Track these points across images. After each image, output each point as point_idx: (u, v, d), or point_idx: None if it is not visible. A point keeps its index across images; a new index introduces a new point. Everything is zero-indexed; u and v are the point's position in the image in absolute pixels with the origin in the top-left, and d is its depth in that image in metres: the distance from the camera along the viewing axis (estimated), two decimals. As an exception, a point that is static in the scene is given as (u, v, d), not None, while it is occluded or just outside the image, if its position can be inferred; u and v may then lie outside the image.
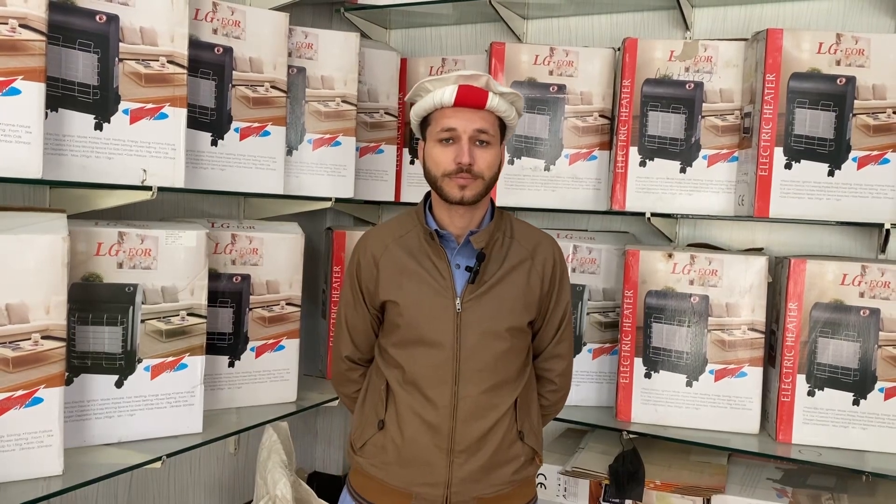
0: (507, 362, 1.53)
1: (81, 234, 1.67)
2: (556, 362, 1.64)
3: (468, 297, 1.51)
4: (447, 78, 1.50)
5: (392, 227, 1.61)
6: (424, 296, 1.51)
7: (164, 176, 1.76)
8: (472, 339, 1.50)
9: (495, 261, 1.54)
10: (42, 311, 1.49)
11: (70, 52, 1.63)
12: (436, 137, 1.51)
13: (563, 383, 1.67)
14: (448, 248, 1.54)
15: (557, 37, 2.51)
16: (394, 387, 1.53)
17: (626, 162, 2.19)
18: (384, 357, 1.58)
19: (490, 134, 1.51)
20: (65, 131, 1.64)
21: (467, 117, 1.49)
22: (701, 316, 2.08)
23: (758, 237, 2.28)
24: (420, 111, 1.54)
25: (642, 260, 2.12)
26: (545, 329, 1.62)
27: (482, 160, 1.50)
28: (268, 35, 2.04)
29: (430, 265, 1.52)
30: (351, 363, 1.65)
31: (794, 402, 2.00)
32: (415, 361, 1.51)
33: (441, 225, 1.55)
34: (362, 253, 1.59)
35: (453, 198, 1.49)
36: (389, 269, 1.55)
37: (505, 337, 1.52)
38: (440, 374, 1.49)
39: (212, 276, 1.99)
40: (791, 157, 1.98)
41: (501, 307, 1.52)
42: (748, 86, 2.08)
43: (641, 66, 2.16)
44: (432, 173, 1.52)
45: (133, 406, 1.77)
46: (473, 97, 1.49)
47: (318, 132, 2.24)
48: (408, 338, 1.53)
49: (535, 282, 1.56)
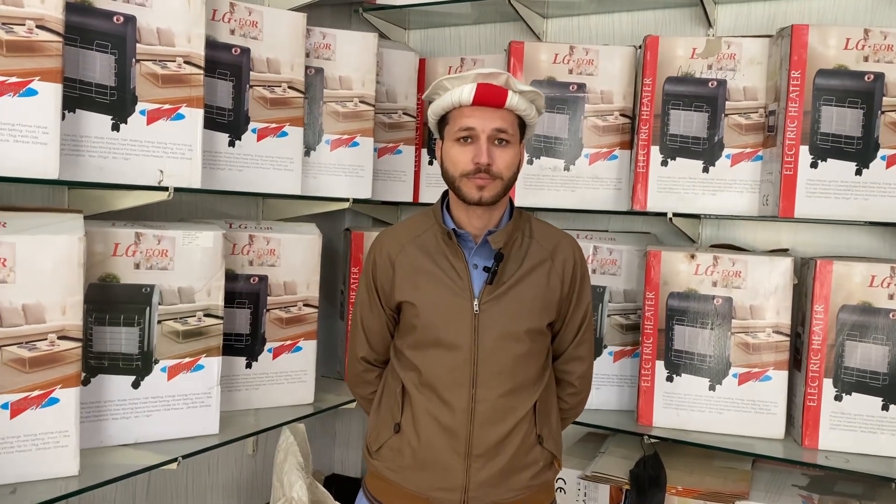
0: (526, 365, 1.50)
1: (98, 235, 1.67)
2: (576, 364, 1.61)
3: (486, 298, 1.48)
4: (466, 76, 1.47)
5: (409, 226, 1.59)
6: (441, 297, 1.49)
7: (180, 176, 1.76)
8: (490, 341, 1.47)
9: (514, 261, 1.51)
10: (58, 311, 1.50)
11: (87, 52, 1.63)
12: (454, 137, 1.48)
13: (584, 386, 1.63)
14: (466, 247, 1.51)
15: (578, 35, 2.48)
16: (410, 389, 1.51)
17: (648, 161, 2.15)
18: (400, 359, 1.56)
19: (509, 133, 1.48)
20: (82, 132, 1.64)
21: (486, 116, 1.46)
22: (724, 318, 2.04)
23: (783, 238, 2.23)
24: (438, 110, 1.51)
25: (664, 261, 2.08)
26: (565, 331, 1.59)
27: (501, 160, 1.47)
28: (285, 35, 2.04)
29: (448, 265, 1.50)
30: (367, 364, 1.63)
31: (820, 406, 1.95)
32: (431, 364, 1.49)
33: (459, 224, 1.53)
34: (378, 252, 1.58)
35: (471, 198, 1.46)
36: (406, 269, 1.53)
37: (523, 339, 1.49)
38: (457, 377, 1.47)
39: (229, 277, 1.99)
40: (817, 156, 1.93)
41: (520, 309, 1.49)
42: (773, 83, 2.04)
43: (663, 63, 2.12)
44: (450, 173, 1.49)
45: (150, 407, 1.77)
46: (492, 96, 1.46)
47: (336, 133, 2.23)
48: (424, 339, 1.50)
49: (554, 282, 1.53)
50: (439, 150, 1.54)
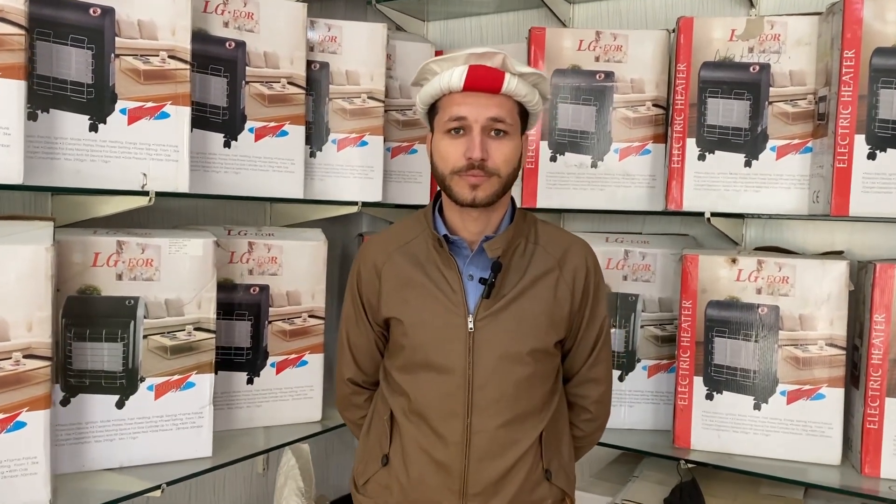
0: (530, 390, 1.31)
1: (76, 244, 1.55)
2: (590, 388, 1.41)
3: (482, 314, 1.30)
4: (456, 57, 1.28)
5: (397, 232, 1.42)
6: (432, 312, 1.31)
7: (166, 180, 1.63)
8: (488, 363, 1.29)
9: (516, 271, 1.33)
10: (23, 328, 1.38)
11: (62, 48, 1.52)
12: (444, 128, 1.30)
13: (600, 412, 1.43)
14: (459, 256, 1.33)
15: (607, 21, 2.29)
16: (399, 417, 1.34)
17: (683, 156, 1.95)
18: (389, 382, 1.39)
19: (507, 123, 1.29)
20: (57, 133, 1.52)
21: (480, 103, 1.27)
22: (770, 329, 1.82)
23: (837, 239, 2.00)
24: (426, 97, 1.34)
25: (702, 266, 1.87)
26: (577, 349, 1.39)
27: (498, 154, 1.28)
28: (284, 27, 1.90)
29: (439, 276, 1.32)
30: (355, 386, 1.47)
31: (882, 429, 1.72)
32: (421, 389, 1.31)
33: (452, 230, 1.35)
34: (363, 262, 1.41)
35: (464, 199, 1.28)
36: (393, 280, 1.35)
37: (526, 361, 1.30)
38: (450, 405, 1.29)
39: (228, 287, 1.86)
40: (875, 146, 1.71)
41: (522, 326, 1.30)
42: (823, 66, 1.82)
43: (698, 47, 1.92)
44: (440, 169, 1.31)
45: (135, 428, 1.64)
46: (486, 79, 1.27)
47: (344, 131, 2.08)
48: (413, 361, 1.33)
49: (563, 295, 1.34)
50: (429, 143, 1.37)
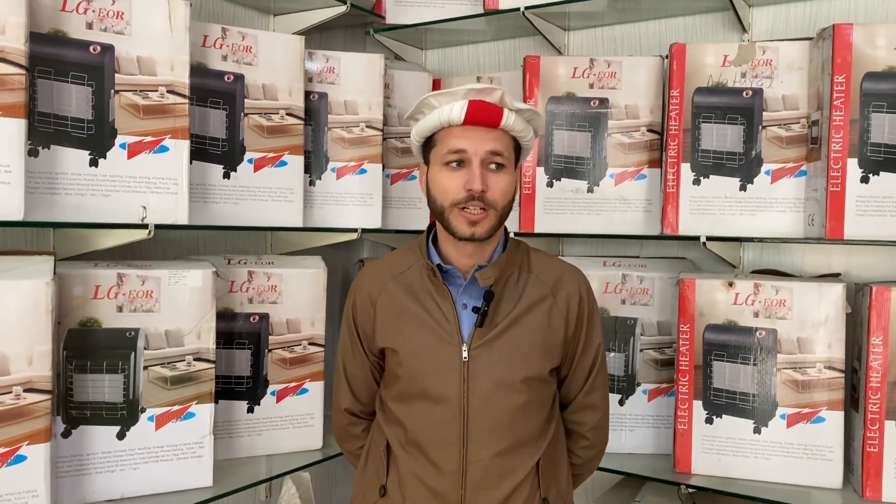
0: (526, 419, 1.32)
1: (77, 278, 1.57)
2: (587, 414, 1.42)
3: (476, 343, 1.31)
4: (455, 92, 1.32)
5: (392, 261, 1.44)
6: (426, 342, 1.33)
7: (165, 212, 1.66)
8: (482, 392, 1.30)
9: (509, 299, 1.34)
10: (24, 362, 1.39)
11: (62, 85, 1.55)
12: (442, 160, 1.33)
13: (598, 438, 1.44)
14: (453, 285, 1.35)
15: (602, 48, 2.32)
16: (395, 448, 1.35)
17: (678, 180, 1.96)
18: (385, 412, 1.40)
19: (504, 156, 1.32)
20: (58, 169, 1.55)
21: (479, 137, 1.31)
22: (769, 352, 1.82)
23: (834, 261, 2.01)
24: (423, 130, 1.37)
25: (699, 290, 1.88)
26: (573, 376, 1.40)
27: (496, 187, 1.31)
28: (282, 60, 1.93)
29: (433, 306, 1.34)
30: (352, 416, 1.48)
31: (882, 452, 1.71)
32: (417, 419, 1.33)
33: (446, 259, 1.37)
34: (358, 292, 1.43)
35: (462, 234, 1.30)
36: (387, 310, 1.37)
37: (521, 389, 1.31)
38: (445, 435, 1.30)
39: (228, 317, 1.88)
40: (868, 169, 1.72)
41: (516, 354, 1.32)
42: (815, 90, 1.83)
43: (691, 73, 1.94)
44: (438, 202, 1.34)
45: (136, 459, 1.65)
46: (486, 114, 1.30)
47: (343, 160, 2.11)
48: (409, 391, 1.34)
49: (557, 322, 1.35)
50: (423, 176, 1.40)
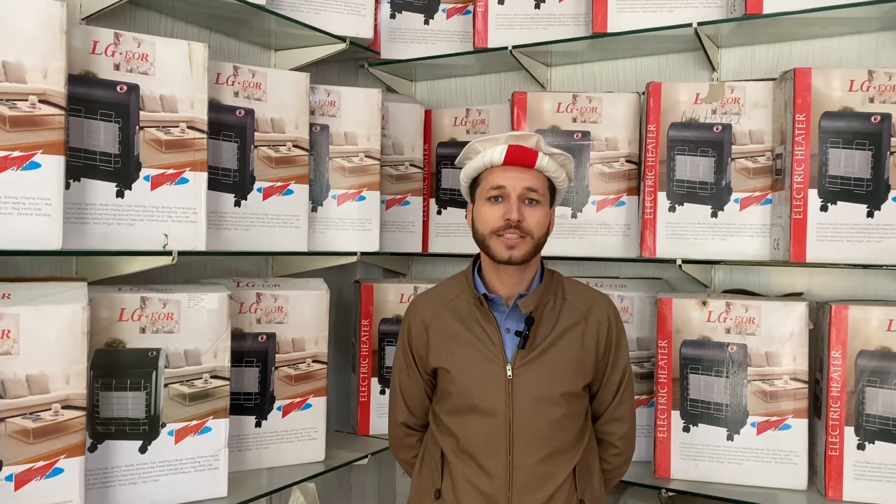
0: (563, 429, 1.50)
1: (104, 301, 1.68)
2: (616, 425, 1.60)
3: (519, 362, 1.49)
4: (497, 138, 1.52)
5: (441, 291, 1.61)
6: (475, 362, 1.50)
7: (185, 239, 1.78)
8: (525, 406, 1.47)
9: (547, 324, 1.52)
10: (62, 380, 1.50)
11: (92, 122, 1.66)
12: (485, 196, 1.52)
13: (626, 446, 1.63)
14: (497, 311, 1.53)
15: (582, 83, 2.49)
16: (448, 456, 1.52)
17: (655, 207, 2.13)
18: (438, 424, 1.57)
19: (539, 193, 1.52)
20: (87, 200, 1.66)
21: (517, 175, 1.50)
22: (740, 366, 1.99)
23: (797, 281, 2.19)
24: (470, 171, 1.55)
25: (675, 308, 2.05)
26: (603, 392, 1.59)
27: (531, 218, 1.50)
28: (289, 95, 2.07)
29: (480, 330, 1.51)
30: (407, 429, 1.64)
31: (843, 456, 1.89)
32: (468, 430, 1.50)
33: (490, 288, 1.54)
34: (413, 318, 1.60)
35: (501, 257, 1.48)
36: (440, 335, 1.54)
37: (559, 403, 1.49)
38: (494, 444, 1.47)
39: (237, 336, 1.99)
40: (826, 199, 1.90)
41: (554, 372, 1.50)
42: (778, 126, 2.02)
43: (667, 109, 2.11)
44: (480, 232, 1.52)
45: (157, 471, 1.76)
46: (523, 156, 1.50)
47: (343, 188, 2.24)
48: (460, 405, 1.51)
49: (589, 344, 1.53)
50: (470, 212, 1.58)
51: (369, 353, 2.39)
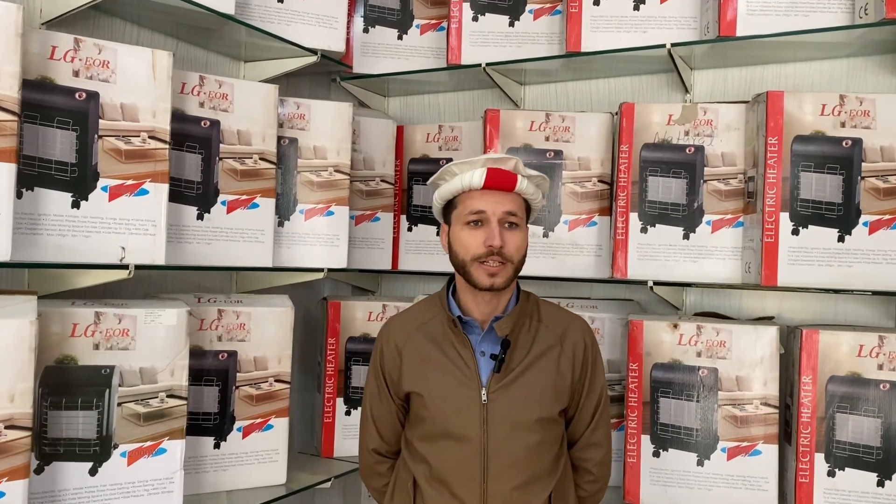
0: (539, 455, 1.46)
1: (56, 315, 1.61)
2: (592, 451, 1.57)
3: (494, 386, 1.45)
4: (475, 161, 1.49)
5: (415, 313, 1.57)
6: (449, 386, 1.46)
7: (143, 253, 1.71)
8: (501, 431, 1.43)
9: (522, 347, 1.49)
10: (6, 399, 1.43)
11: (48, 130, 1.60)
12: (464, 220, 1.49)
13: (602, 473, 1.59)
14: (472, 334, 1.49)
15: (555, 102, 2.47)
16: (421, 483, 1.47)
17: (627, 228, 2.11)
18: (410, 451, 1.52)
19: (518, 216, 1.50)
20: (41, 210, 1.60)
21: (496, 199, 1.47)
22: (710, 390, 1.97)
23: (768, 305, 2.18)
24: (446, 194, 1.52)
25: (646, 331, 2.02)
26: (579, 417, 1.55)
27: (512, 243, 1.47)
28: (257, 107, 2.02)
29: (455, 354, 1.48)
30: (378, 456, 1.59)
31: (812, 483, 1.86)
32: (441, 456, 1.45)
33: (465, 310, 1.51)
34: (385, 341, 1.55)
35: (482, 284, 1.45)
36: (413, 358, 1.50)
37: (535, 429, 1.46)
38: (467, 471, 1.43)
39: (197, 354, 1.93)
40: (798, 223, 1.89)
41: (530, 397, 1.46)
42: (751, 149, 2.01)
43: (639, 130, 2.10)
44: (460, 257, 1.49)
45: (108, 495, 1.68)
46: (503, 180, 1.47)
47: (311, 202, 2.19)
48: (433, 431, 1.47)
49: (565, 368, 1.50)
50: (445, 235, 1.54)
51: (335, 373, 2.33)
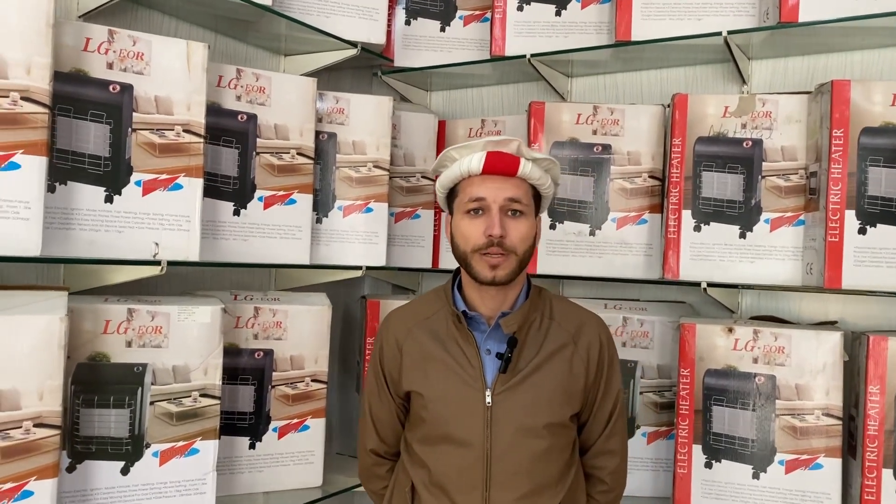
0: (547, 464, 1.35)
1: (88, 312, 1.59)
2: (606, 459, 1.45)
3: (500, 388, 1.35)
4: (474, 144, 1.38)
5: (417, 307, 1.48)
6: (451, 386, 1.36)
7: (177, 249, 1.68)
8: (505, 437, 1.33)
9: (531, 346, 1.38)
10: (35, 396, 1.40)
11: (81, 123, 1.58)
12: (463, 209, 1.39)
13: (616, 483, 1.47)
14: (478, 331, 1.39)
15: (604, 94, 2.37)
16: (419, 489, 1.37)
17: (679, 226, 2.00)
18: (410, 454, 1.42)
19: (523, 203, 1.38)
20: (73, 205, 1.57)
21: (497, 186, 1.36)
22: (767, 398, 1.85)
23: (831, 309, 2.04)
24: (446, 182, 1.42)
25: (699, 335, 1.91)
26: (593, 422, 1.44)
27: (515, 232, 1.36)
28: (294, 101, 1.97)
29: (458, 351, 1.37)
30: (377, 457, 1.51)
31: (880, 500, 1.73)
32: (441, 461, 1.35)
33: (471, 305, 1.41)
34: (385, 336, 1.47)
35: (484, 278, 1.34)
36: (413, 355, 1.41)
37: (543, 435, 1.34)
38: (469, 478, 1.33)
39: (233, 352, 1.89)
40: (865, 221, 1.76)
41: (538, 400, 1.35)
42: (813, 142, 1.89)
43: (693, 123, 1.99)
44: (461, 248, 1.39)
45: (140, 495, 1.65)
46: (503, 164, 1.36)
47: (350, 199, 2.14)
48: (433, 434, 1.37)
49: (578, 369, 1.39)
50: (448, 224, 1.44)
51: (374, 373, 2.27)
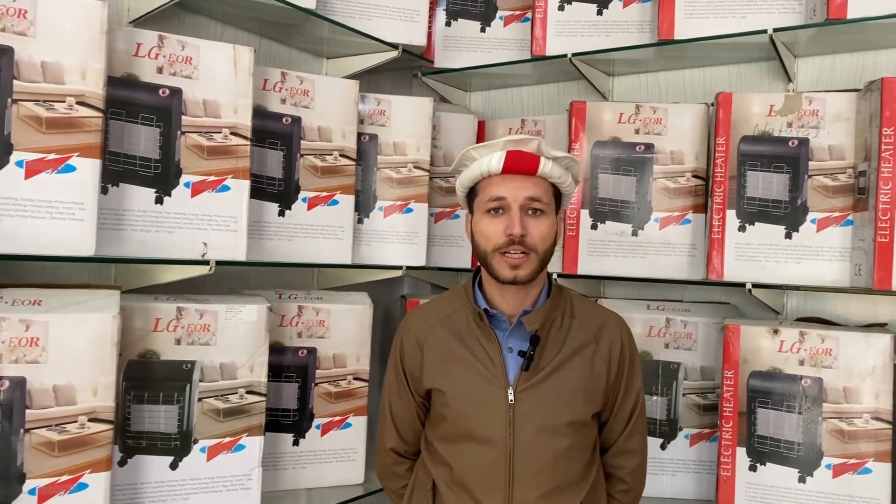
0: (569, 462, 1.35)
1: (139, 310, 1.63)
2: (626, 459, 1.44)
3: (522, 386, 1.35)
4: (494, 144, 1.39)
5: (439, 305, 1.48)
6: (473, 384, 1.36)
7: (225, 249, 1.72)
8: (528, 435, 1.33)
9: (553, 345, 1.38)
10: (89, 392, 1.45)
11: (132, 126, 1.62)
12: (483, 208, 1.39)
13: (636, 482, 1.46)
14: (499, 329, 1.39)
15: (646, 93, 2.36)
16: (441, 487, 1.38)
17: (724, 226, 1.98)
18: (431, 452, 1.43)
19: (543, 202, 1.38)
20: (125, 206, 1.61)
21: (517, 185, 1.37)
22: (814, 401, 1.82)
23: (881, 311, 2.00)
24: (466, 181, 1.43)
25: (744, 336, 1.89)
26: (614, 421, 1.43)
27: (536, 231, 1.36)
28: (337, 103, 2.00)
29: (480, 349, 1.38)
30: (397, 456, 1.52)
31: (932, 507, 1.70)
32: (463, 459, 1.36)
33: (492, 304, 1.41)
34: (406, 334, 1.47)
35: (505, 277, 1.34)
36: (435, 353, 1.41)
37: (565, 433, 1.34)
38: (491, 476, 1.33)
39: (277, 350, 1.92)
40: (917, 221, 1.73)
41: (561, 398, 1.35)
42: (862, 141, 1.85)
43: (737, 122, 1.97)
44: (481, 248, 1.39)
45: (188, 489, 1.69)
46: (523, 163, 1.36)
47: (390, 199, 2.16)
48: (455, 432, 1.37)
49: (599, 368, 1.38)
50: (468, 224, 1.45)
51: (414, 372, 2.29)
